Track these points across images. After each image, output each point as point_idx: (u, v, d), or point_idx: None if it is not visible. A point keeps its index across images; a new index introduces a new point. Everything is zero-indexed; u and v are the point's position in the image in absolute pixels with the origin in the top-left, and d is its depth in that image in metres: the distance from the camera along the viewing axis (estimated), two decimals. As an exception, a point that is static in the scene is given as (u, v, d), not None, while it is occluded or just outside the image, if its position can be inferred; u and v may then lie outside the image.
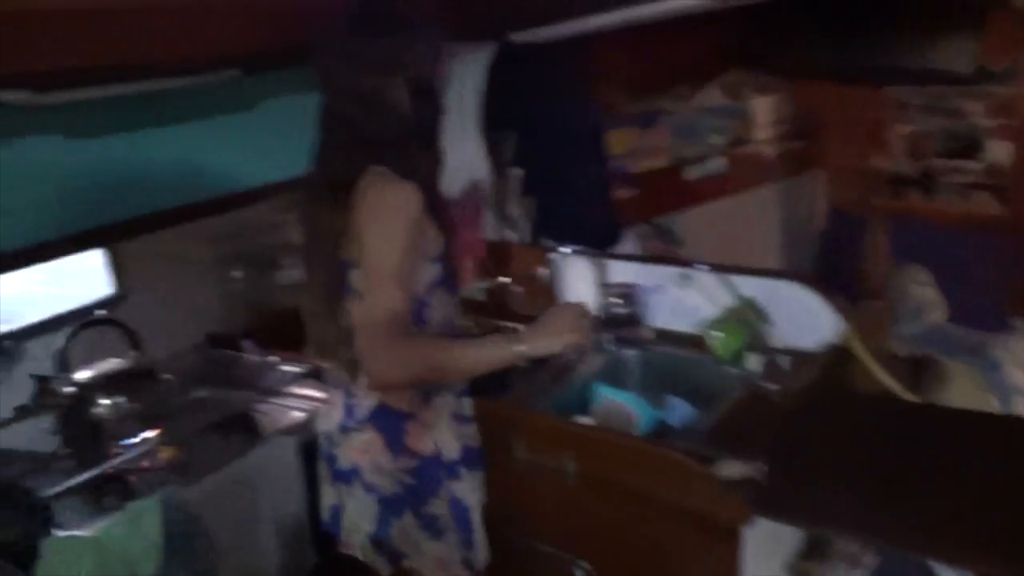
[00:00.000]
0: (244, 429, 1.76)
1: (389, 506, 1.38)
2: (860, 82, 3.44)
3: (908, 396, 1.73)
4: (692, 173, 3.25)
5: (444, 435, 1.42)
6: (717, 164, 3.35)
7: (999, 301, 3.27)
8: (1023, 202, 3.26)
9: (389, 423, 1.36)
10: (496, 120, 2.05)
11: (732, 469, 1.45)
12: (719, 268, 1.83)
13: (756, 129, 3.46)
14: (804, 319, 1.85)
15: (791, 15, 3.04)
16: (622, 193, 2.87)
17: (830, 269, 3.60)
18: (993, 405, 2.07)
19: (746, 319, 1.84)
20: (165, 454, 1.69)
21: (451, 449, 1.43)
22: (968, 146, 3.36)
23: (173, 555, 1.42)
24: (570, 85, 2.01)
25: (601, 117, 2.17)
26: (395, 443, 1.36)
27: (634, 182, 2.92)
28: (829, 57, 3.32)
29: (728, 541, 1.45)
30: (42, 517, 1.41)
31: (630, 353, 2.02)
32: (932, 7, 3.03)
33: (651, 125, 3.10)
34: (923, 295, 3.29)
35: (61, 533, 1.38)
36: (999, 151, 3.28)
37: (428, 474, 1.40)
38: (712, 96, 3.34)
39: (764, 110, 3.47)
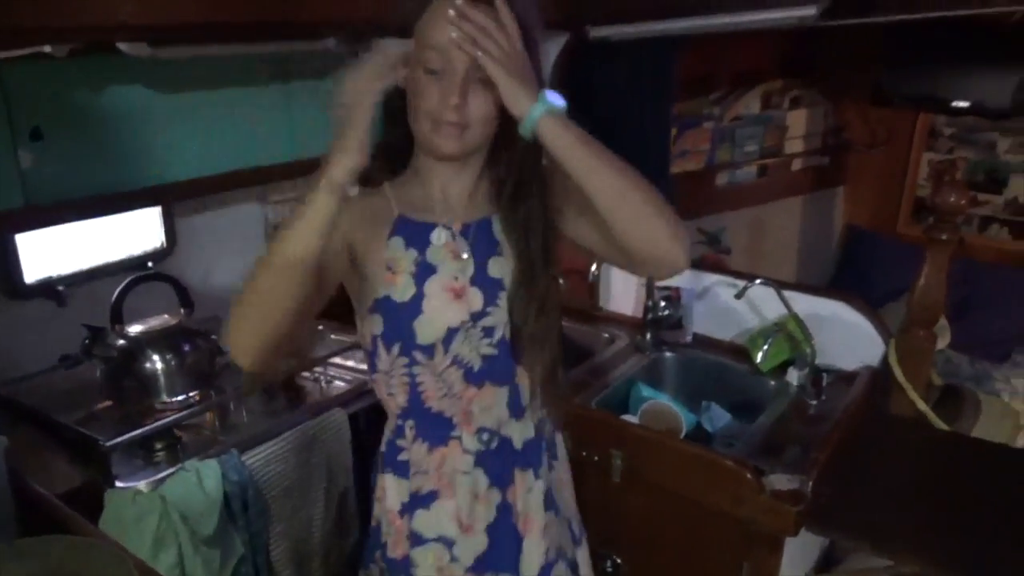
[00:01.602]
0: (289, 395, 1.77)
1: None
2: (896, 106, 3.48)
3: (941, 425, 1.78)
4: (724, 179, 3.29)
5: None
6: (748, 172, 3.39)
7: (1005, 334, 3.36)
8: (1038, 239, 3.34)
9: None
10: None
11: (781, 481, 1.49)
12: (773, 282, 1.86)
13: (788, 141, 3.50)
14: (848, 340, 1.89)
15: (838, 33, 3.07)
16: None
17: (844, 285, 3.67)
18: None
19: (791, 334, 1.87)
20: (211, 414, 1.70)
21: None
22: (992, 179, 3.43)
23: (231, 516, 1.43)
24: (653, 87, 2.00)
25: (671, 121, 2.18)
26: None
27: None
28: (869, 78, 3.36)
29: (772, 550, 1.49)
30: (101, 467, 1.42)
31: (670, 355, 2.05)
32: (976, 40, 3.07)
33: (692, 128, 3.12)
34: (932, 321, 3.35)
35: (121, 485, 1.39)
36: (1022, 188, 3.35)
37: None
38: (751, 104, 3.37)
39: (797, 123, 3.51)
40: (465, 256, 1.11)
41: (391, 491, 1.19)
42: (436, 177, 1.11)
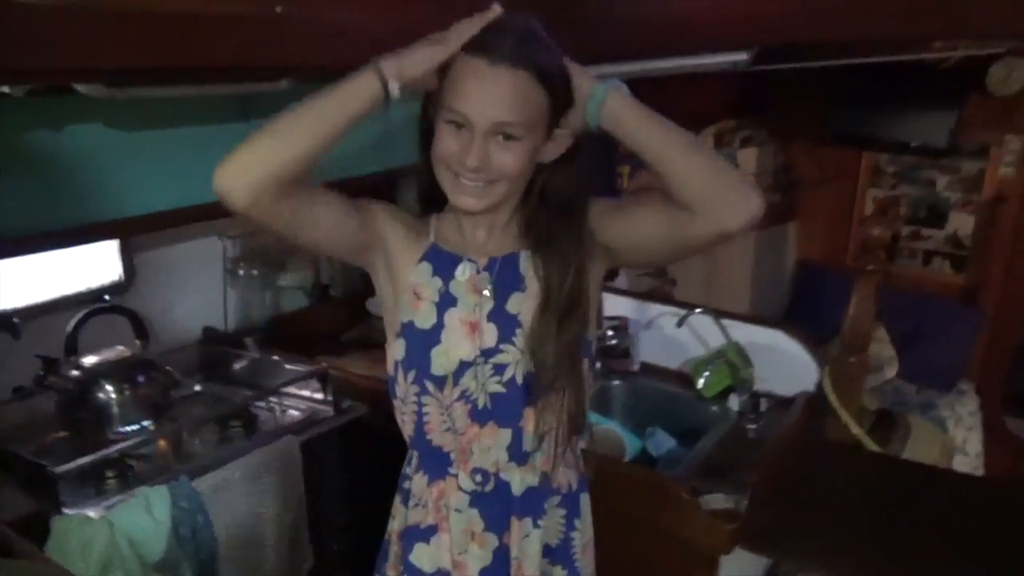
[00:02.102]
0: (243, 425, 1.80)
1: None
2: (841, 145, 3.64)
3: (874, 447, 1.86)
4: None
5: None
6: (700, 208, 3.50)
7: (950, 364, 3.49)
8: (979, 272, 3.49)
9: None
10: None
11: (717, 501, 1.55)
12: (711, 311, 1.94)
13: (739, 178, 3.63)
14: (785, 367, 1.97)
15: (786, 76, 3.22)
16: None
17: (796, 318, 3.79)
18: (949, 462, 2.22)
19: (732, 361, 1.95)
20: (164, 443, 1.73)
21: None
22: (934, 215, 3.58)
23: (179, 543, 1.45)
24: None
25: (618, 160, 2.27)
26: None
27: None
28: (816, 120, 3.52)
29: (708, 567, 1.54)
30: (50, 494, 1.44)
31: (618, 383, 2.12)
32: (916, 84, 3.24)
33: (642, 165, 3.22)
34: (880, 351, 3.48)
35: (69, 511, 1.41)
36: (961, 223, 3.51)
37: None
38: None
39: (748, 160, 3.65)
40: (486, 293, 1.12)
41: (397, 514, 1.24)
42: (464, 215, 1.12)
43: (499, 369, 1.12)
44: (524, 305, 1.12)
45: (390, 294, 1.15)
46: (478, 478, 1.16)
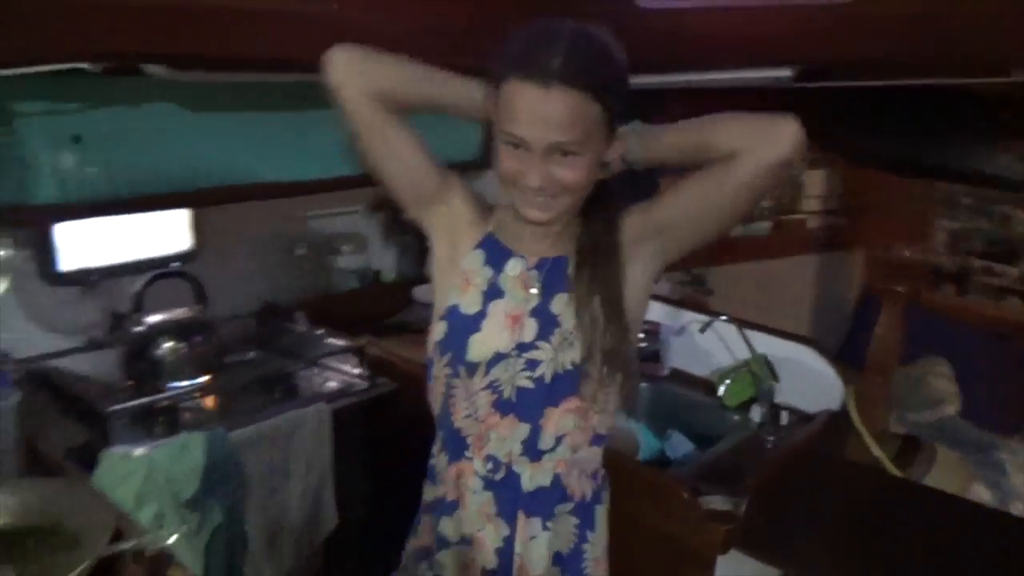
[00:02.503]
0: (284, 389, 1.94)
1: None
2: (911, 173, 3.56)
3: (893, 470, 1.85)
4: (737, 230, 3.40)
5: None
6: (762, 227, 3.49)
7: (1015, 406, 3.35)
8: (1053, 313, 3.35)
9: None
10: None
11: (716, 502, 1.58)
12: (738, 322, 1.97)
13: (804, 200, 3.60)
14: (810, 383, 1.98)
15: (854, 97, 3.17)
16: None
17: (857, 348, 3.71)
18: (975, 494, 2.17)
19: (757, 373, 1.97)
20: (211, 399, 1.89)
21: None
22: (1008, 251, 3.46)
23: (211, 484, 1.59)
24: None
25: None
26: None
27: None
28: (883, 145, 3.45)
29: (703, 568, 1.58)
30: (101, 430, 1.61)
31: (645, 386, 2.16)
32: (994, 113, 3.14)
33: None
34: (941, 387, 3.38)
35: (117, 448, 1.57)
36: (1036, 260, 3.38)
37: None
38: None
39: (814, 182, 3.62)
40: (534, 291, 1.17)
41: (426, 489, 1.31)
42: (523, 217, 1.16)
43: (531, 365, 1.15)
44: (567, 308, 1.15)
45: (445, 256, 1.22)
46: (490, 465, 1.19)
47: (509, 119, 1.03)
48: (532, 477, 1.20)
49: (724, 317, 1.96)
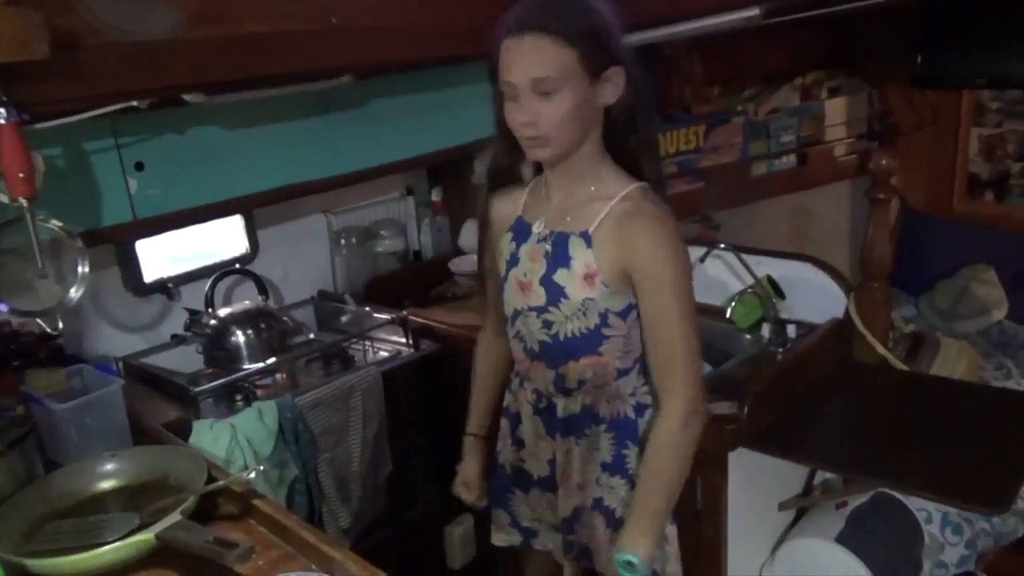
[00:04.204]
0: (341, 361, 2.21)
1: None
2: (939, 86, 3.56)
3: (900, 366, 1.97)
4: (761, 168, 3.49)
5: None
6: (786, 161, 3.56)
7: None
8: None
9: None
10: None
11: (721, 407, 1.76)
12: (732, 247, 2.12)
13: (829, 129, 3.64)
14: (815, 297, 2.12)
15: (875, 22, 3.22)
16: (686, 186, 3.18)
17: (900, 267, 3.74)
18: (980, 378, 2.26)
19: (761, 294, 2.12)
20: (281, 375, 2.17)
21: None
22: (1045, 150, 3.43)
23: (285, 443, 1.88)
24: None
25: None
26: None
27: (700, 175, 3.21)
28: (909, 63, 3.46)
29: (718, 467, 1.76)
30: (192, 408, 1.91)
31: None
32: (1007, 13, 3.13)
33: (721, 124, 3.36)
34: (988, 293, 3.40)
35: (207, 419, 1.86)
36: (1074, 156, 3.34)
37: None
38: (791, 97, 3.54)
39: (838, 111, 3.65)
40: (541, 262, 1.34)
41: (507, 399, 1.57)
42: (549, 180, 1.35)
43: (548, 324, 1.35)
44: (570, 282, 1.31)
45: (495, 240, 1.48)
46: (534, 396, 1.46)
47: (501, 74, 1.21)
48: (565, 407, 1.42)
49: (722, 245, 2.11)
